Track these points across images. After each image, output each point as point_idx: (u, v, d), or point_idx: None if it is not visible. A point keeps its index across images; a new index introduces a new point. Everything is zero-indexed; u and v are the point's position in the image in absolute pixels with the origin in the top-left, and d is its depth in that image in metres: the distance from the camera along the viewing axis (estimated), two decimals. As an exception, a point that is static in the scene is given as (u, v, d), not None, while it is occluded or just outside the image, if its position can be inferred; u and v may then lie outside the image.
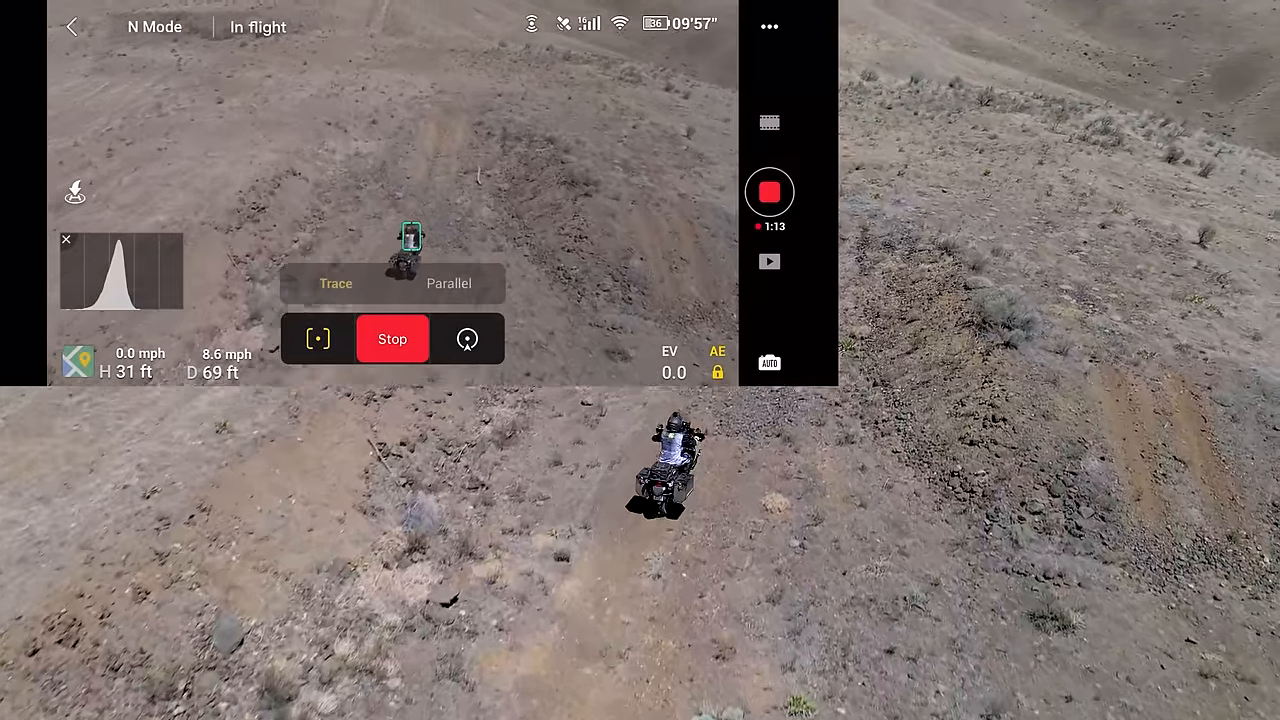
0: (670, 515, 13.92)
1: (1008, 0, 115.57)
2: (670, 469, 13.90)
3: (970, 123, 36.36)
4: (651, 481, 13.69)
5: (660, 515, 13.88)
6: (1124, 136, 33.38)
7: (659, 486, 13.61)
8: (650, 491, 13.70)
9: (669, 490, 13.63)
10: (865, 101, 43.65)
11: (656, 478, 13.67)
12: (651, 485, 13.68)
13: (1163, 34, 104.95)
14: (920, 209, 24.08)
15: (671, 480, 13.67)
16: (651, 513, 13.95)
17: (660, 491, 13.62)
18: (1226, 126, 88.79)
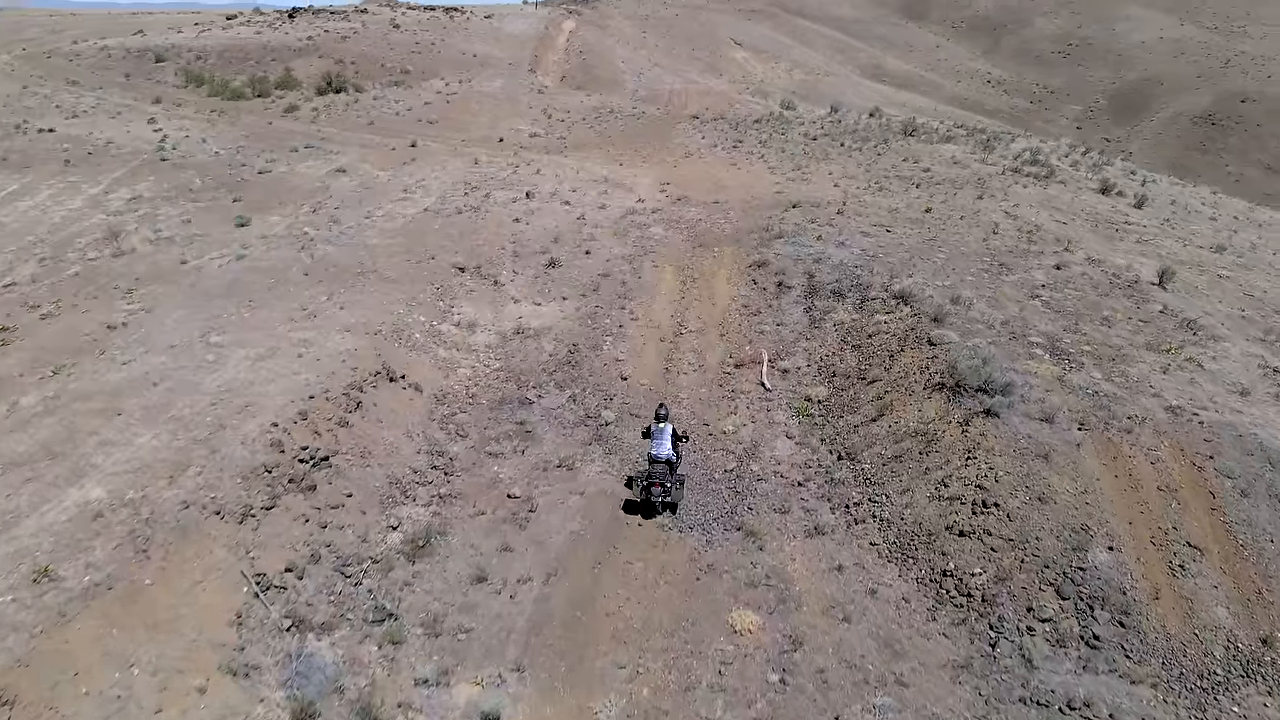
0: (671, 512, 14.30)
1: (910, 31, 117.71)
2: (664, 469, 14.05)
3: (900, 154, 35.16)
4: (649, 484, 13.98)
5: (658, 515, 14.22)
6: (1055, 168, 32.51)
7: (657, 488, 13.94)
8: (649, 493, 14.01)
9: (666, 491, 13.97)
10: (789, 132, 42.29)
11: (654, 480, 13.94)
12: (649, 488, 13.98)
13: (1059, 63, 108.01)
14: (866, 251, 22.29)
15: (668, 482, 13.97)
16: (650, 513, 14.20)
17: (659, 493, 13.97)
18: (1124, 151, 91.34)
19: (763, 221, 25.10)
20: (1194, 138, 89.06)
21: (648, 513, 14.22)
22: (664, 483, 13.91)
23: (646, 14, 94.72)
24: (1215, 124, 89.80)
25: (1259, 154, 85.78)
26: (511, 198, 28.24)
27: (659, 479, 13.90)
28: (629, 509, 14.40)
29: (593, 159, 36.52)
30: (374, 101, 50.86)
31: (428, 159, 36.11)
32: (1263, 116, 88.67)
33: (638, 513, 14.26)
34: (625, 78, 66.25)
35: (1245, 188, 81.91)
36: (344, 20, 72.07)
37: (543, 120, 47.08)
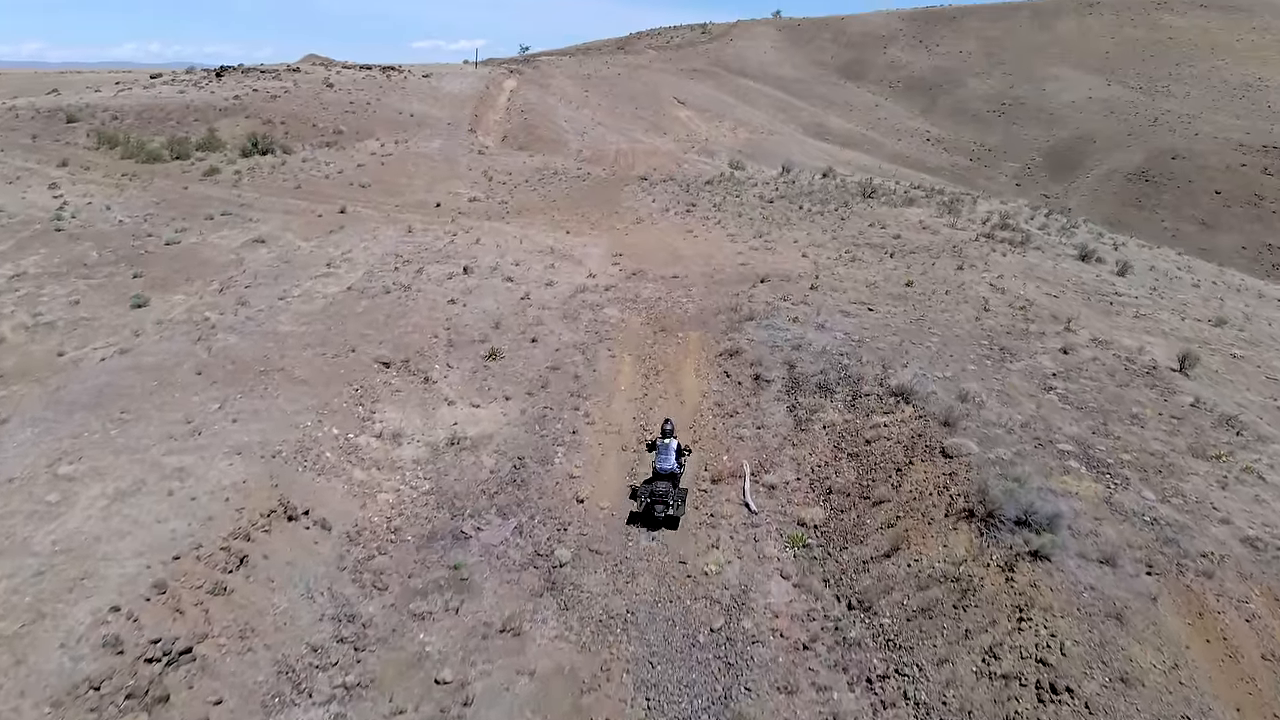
0: (669, 527, 14.56)
1: (850, 90, 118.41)
2: (667, 487, 14.45)
3: (865, 219, 32.91)
4: (652, 501, 14.32)
5: (660, 528, 14.48)
6: (1029, 234, 30.48)
7: (659, 504, 14.28)
8: (652, 509, 14.33)
9: (669, 506, 14.30)
10: (744, 194, 39.97)
11: (656, 497, 14.29)
12: (653, 504, 14.32)
13: (994, 121, 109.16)
14: (851, 335, 19.54)
15: (670, 497, 14.31)
16: (653, 526, 14.45)
17: (660, 509, 14.28)
18: (1063, 207, 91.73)
19: (729, 300, 22.27)
20: (1130, 194, 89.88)
21: (650, 525, 14.43)
22: (667, 499, 14.24)
23: (589, 73, 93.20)
24: (1149, 180, 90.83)
25: (1192, 209, 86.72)
26: (447, 273, 25.02)
27: (663, 493, 14.28)
28: (631, 520, 14.65)
29: (537, 226, 33.58)
30: (303, 164, 47.50)
31: (357, 227, 32.83)
32: (1193, 173, 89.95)
33: (640, 524, 14.51)
34: (569, 137, 63.94)
35: (1182, 242, 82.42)
36: (275, 79, 68.74)
37: (483, 183, 44.18)
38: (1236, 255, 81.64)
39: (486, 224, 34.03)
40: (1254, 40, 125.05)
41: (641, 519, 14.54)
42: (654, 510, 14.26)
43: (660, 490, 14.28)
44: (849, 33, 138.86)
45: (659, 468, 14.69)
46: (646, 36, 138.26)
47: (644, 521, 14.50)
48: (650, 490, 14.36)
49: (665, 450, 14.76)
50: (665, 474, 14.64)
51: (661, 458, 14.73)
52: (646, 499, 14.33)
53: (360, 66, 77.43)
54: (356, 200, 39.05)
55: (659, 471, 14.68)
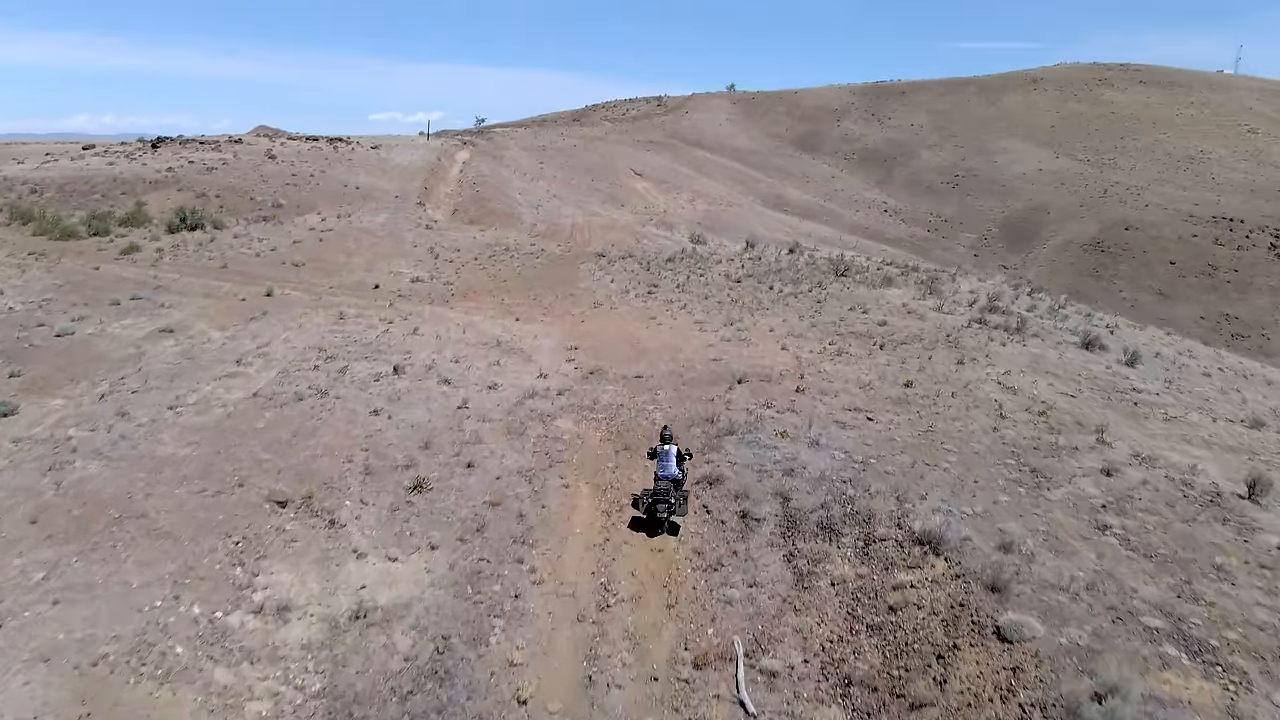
0: (671, 533, 14.32)
1: (806, 162, 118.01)
2: (669, 486, 14.31)
3: (842, 301, 29.91)
4: (654, 501, 14.13)
5: (662, 533, 14.30)
6: (1023, 318, 27.62)
7: (662, 504, 14.07)
8: (654, 510, 14.12)
9: (671, 507, 14.10)
10: (708, 272, 36.95)
11: (659, 497, 14.12)
12: (655, 505, 14.12)
13: (949, 192, 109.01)
14: (852, 454, 16.12)
15: (673, 498, 14.12)
16: (654, 530, 14.29)
17: (663, 509, 14.06)
18: (1021, 278, 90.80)
19: (704, 407, 18.78)
20: (1086, 264, 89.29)
21: (652, 528, 14.31)
22: (669, 499, 14.09)
23: (544, 145, 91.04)
24: (1105, 251, 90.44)
25: (1149, 280, 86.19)
26: (374, 373, 21.27)
27: (664, 495, 14.10)
28: (635, 525, 14.50)
29: (484, 311, 30.06)
30: (234, 240, 43.66)
31: (282, 312, 29.04)
32: (1147, 244, 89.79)
33: (643, 529, 14.37)
34: (522, 210, 60.98)
35: (1141, 313, 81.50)
36: (214, 151, 65.17)
37: (428, 261, 40.69)
38: (1195, 325, 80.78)
39: (428, 309, 30.44)
40: (1192, 115, 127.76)
41: (644, 523, 14.43)
42: (657, 511, 14.10)
43: (662, 489, 14.18)
44: (802, 106, 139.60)
45: (660, 474, 14.61)
46: (602, 109, 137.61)
47: (646, 525, 14.41)
48: (652, 492, 14.29)
49: (666, 457, 14.74)
50: (667, 479, 14.58)
51: (663, 464, 14.69)
52: (649, 500, 14.23)
53: (306, 138, 74.25)
54: (287, 281, 35.31)
55: (661, 477, 14.60)
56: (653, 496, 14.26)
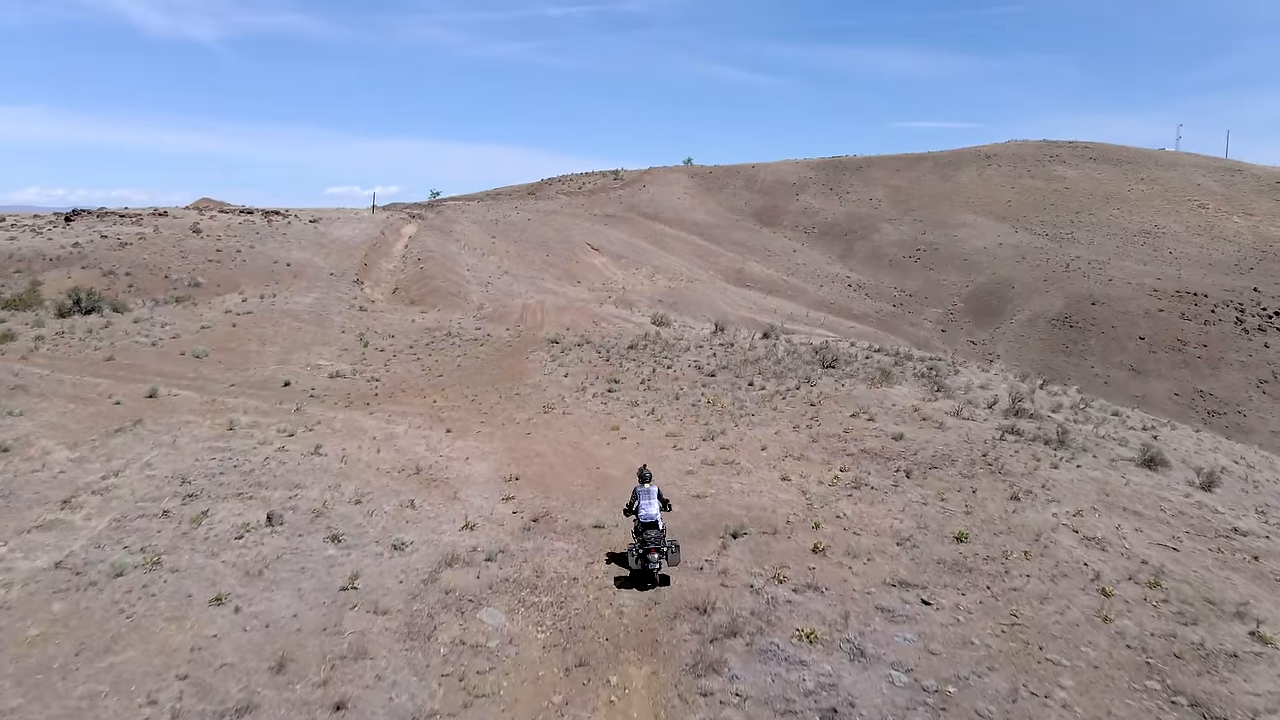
0: (663, 584, 13.13)
1: (766, 236, 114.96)
2: (659, 535, 13.04)
3: (841, 405, 24.76)
4: (646, 552, 12.83)
5: (653, 585, 12.99)
6: (1064, 429, 22.63)
7: (654, 554, 12.81)
8: (646, 561, 12.83)
9: (665, 557, 12.94)
10: (676, 363, 31.75)
11: (650, 546, 12.82)
12: (646, 555, 12.82)
13: (912, 267, 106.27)
14: (916, 673, 10.67)
15: (664, 547, 12.95)
16: (645, 583, 13.00)
17: (655, 559, 12.82)
18: (990, 353, 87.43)
19: (691, 586, 13.25)
20: (1055, 340, 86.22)
21: (643, 583, 12.94)
22: (661, 548, 12.85)
23: (496, 219, 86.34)
24: (1073, 326, 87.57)
25: (1120, 355, 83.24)
26: (241, 523, 15.43)
27: (655, 544, 12.82)
28: (623, 584, 13.06)
29: (410, 418, 24.38)
30: (134, 326, 37.61)
31: (159, 421, 23.15)
32: (1115, 318, 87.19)
33: (633, 586, 12.96)
34: (470, 288, 55.67)
35: (1115, 390, 78.24)
36: (134, 224, 59.21)
37: (355, 350, 34.99)
38: (1169, 402, 77.60)
39: (341, 415, 24.69)
40: (1144, 190, 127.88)
41: (635, 579, 13.02)
42: (649, 562, 12.76)
43: (653, 538, 12.85)
44: (760, 180, 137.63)
45: (643, 518, 13.29)
46: (558, 183, 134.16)
47: (637, 581, 13.00)
48: (641, 541, 12.92)
49: (648, 497, 13.44)
50: (651, 523, 13.16)
51: (645, 506, 13.36)
52: (639, 550, 12.84)
53: (240, 210, 68.57)
54: (180, 378, 29.36)
55: (646, 523, 13.21)
56: (643, 547, 12.84)
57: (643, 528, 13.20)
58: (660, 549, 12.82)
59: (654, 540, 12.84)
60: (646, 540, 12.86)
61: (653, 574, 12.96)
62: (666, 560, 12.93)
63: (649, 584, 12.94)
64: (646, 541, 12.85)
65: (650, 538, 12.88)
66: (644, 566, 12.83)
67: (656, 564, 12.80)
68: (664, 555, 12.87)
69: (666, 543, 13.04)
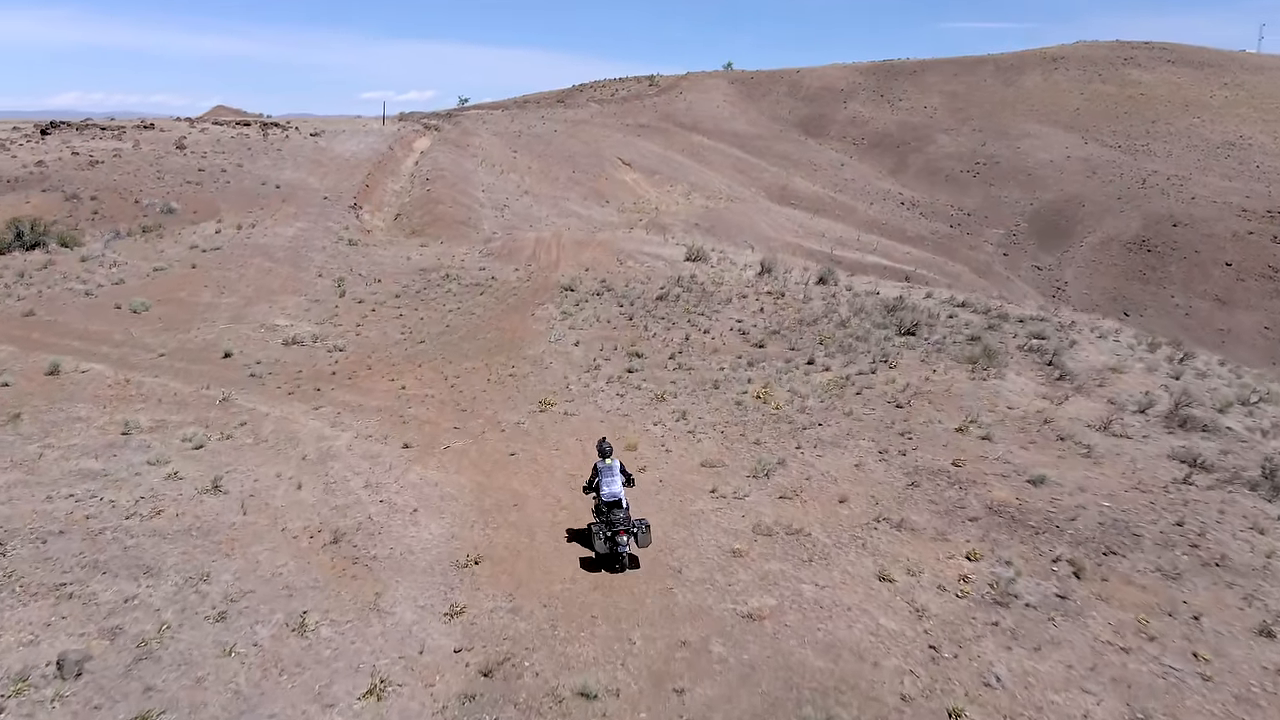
0: (634, 566, 12.07)
1: (812, 148, 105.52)
2: (626, 514, 12.02)
3: (939, 406, 18.04)
4: (614, 533, 11.81)
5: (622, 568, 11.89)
6: (1269, 458, 15.77)
7: (623, 536, 11.81)
8: (615, 543, 11.83)
9: (633, 536, 11.95)
10: (714, 322, 25.16)
11: (619, 527, 11.82)
12: (615, 537, 11.80)
13: (970, 182, 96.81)
14: None
15: (634, 527, 11.96)
16: (614, 566, 11.93)
17: (624, 541, 11.83)
18: (1059, 280, 79.16)
19: None
20: (1131, 266, 77.56)
21: (613, 566, 11.94)
22: (631, 528, 11.87)
23: (519, 130, 78.45)
24: (1151, 250, 78.66)
25: (1203, 284, 74.57)
26: (16, 671, 9.52)
27: (623, 524, 11.82)
28: (590, 566, 12.05)
29: (363, 419, 18.18)
30: (78, 265, 31.63)
31: (40, 418, 17.35)
32: (1199, 242, 78.00)
33: (601, 568, 11.95)
34: (483, 214, 48.79)
35: (1197, 323, 70.13)
36: (114, 138, 52.69)
37: (329, 300, 28.70)
38: (1260, 337, 69.36)
39: (277, 412, 18.57)
40: (1227, 97, 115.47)
41: (604, 562, 11.94)
42: (618, 544, 11.70)
43: (620, 518, 11.84)
44: (805, 86, 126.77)
45: (608, 497, 12.16)
46: (589, 89, 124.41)
47: (605, 563, 11.97)
48: (608, 522, 11.85)
49: (610, 474, 12.27)
50: (615, 502, 12.15)
51: (608, 484, 12.20)
52: (608, 532, 11.71)
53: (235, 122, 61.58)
54: (103, 342, 23.46)
55: (611, 501, 12.17)
56: (611, 528, 11.75)
57: (607, 507, 12.27)
58: (630, 529, 11.94)
59: (622, 521, 11.96)
60: (614, 521, 11.95)
61: (621, 557, 12.00)
62: (637, 541, 12.08)
63: (618, 567, 11.97)
64: (614, 523, 11.93)
65: (618, 518, 12.00)
66: (612, 550, 11.94)
67: (625, 546, 11.95)
68: (633, 536, 12.03)
69: (635, 522, 12.10)
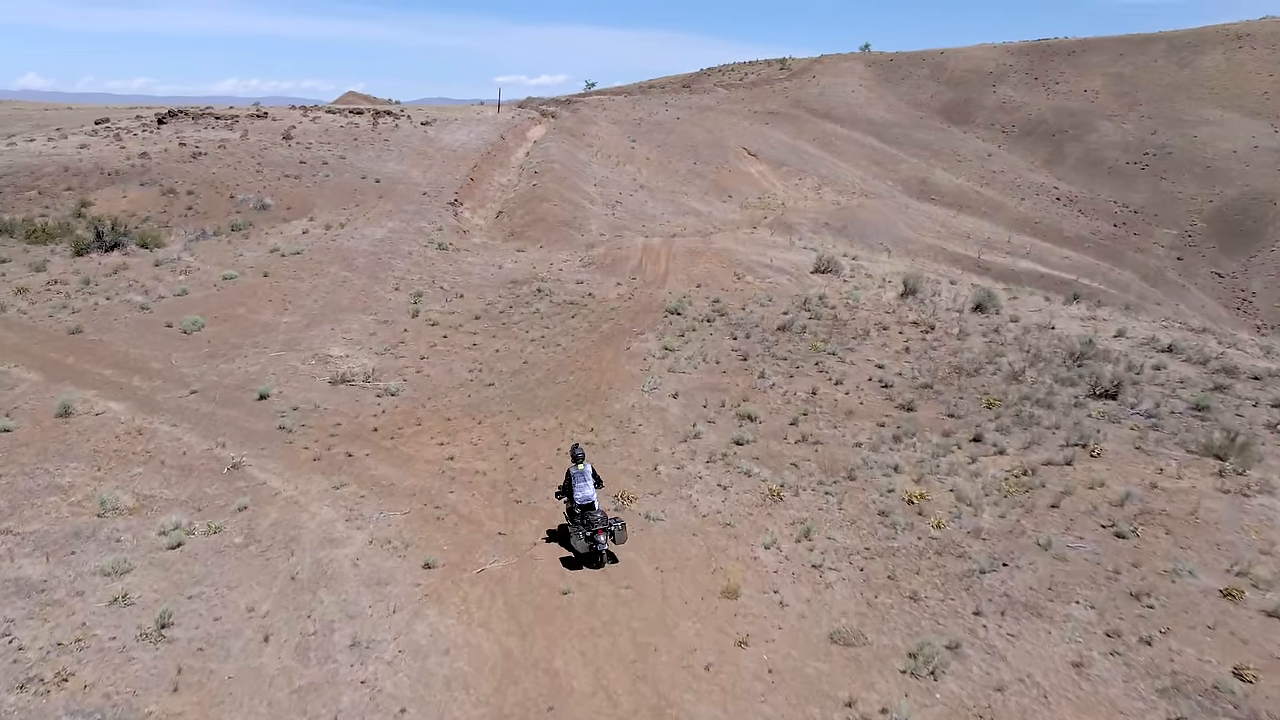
0: (612, 561, 12.61)
1: (956, 136, 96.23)
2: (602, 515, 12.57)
3: (1185, 541, 12.18)
4: (594, 533, 12.36)
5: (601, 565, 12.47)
6: None
7: (601, 535, 12.38)
8: (595, 542, 12.38)
9: (611, 535, 12.51)
10: (847, 368, 19.83)
11: (597, 527, 12.35)
12: (594, 537, 12.36)
13: (1136, 175, 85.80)
14: None
15: (612, 526, 12.51)
16: (594, 563, 12.51)
17: (603, 541, 12.41)
18: (1244, 291, 68.42)
19: None
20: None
21: (594, 563, 12.50)
22: (609, 527, 12.43)
23: (640, 118, 73.71)
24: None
25: None
26: None
27: (602, 524, 12.38)
28: (571, 565, 12.53)
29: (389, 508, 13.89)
30: (152, 270, 29.09)
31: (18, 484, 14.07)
32: None
33: (581, 566, 12.48)
34: (591, 212, 44.38)
35: None
36: (225, 128, 51.09)
37: (398, 321, 24.86)
38: None
39: (289, 491, 14.61)
40: None
41: (584, 560, 12.54)
42: (597, 543, 12.28)
43: (597, 519, 12.39)
44: (949, 69, 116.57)
45: (580, 500, 12.72)
46: (717, 73, 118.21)
47: (585, 561, 12.53)
48: (585, 522, 12.43)
49: (583, 479, 12.80)
50: (589, 505, 12.69)
51: (580, 488, 12.75)
52: (587, 533, 12.33)
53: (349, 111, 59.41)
54: (137, 372, 20.42)
55: (586, 504, 12.68)
56: (590, 528, 12.29)
57: (580, 510, 12.75)
58: (607, 528, 12.44)
59: (600, 521, 12.45)
60: (592, 522, 12.46)
61: (601, 554, 12.52)
62: (614, 539, 12.56)
63: (598, 563, 12.40)
64: (593, 523, 12.44)
65: (595, 519, 12.49)
66: (592, 549, 12.39)
67: (604, 545, 12.45)
68: (611, 535, 12.50)
69: (611, 520, 12.61)
